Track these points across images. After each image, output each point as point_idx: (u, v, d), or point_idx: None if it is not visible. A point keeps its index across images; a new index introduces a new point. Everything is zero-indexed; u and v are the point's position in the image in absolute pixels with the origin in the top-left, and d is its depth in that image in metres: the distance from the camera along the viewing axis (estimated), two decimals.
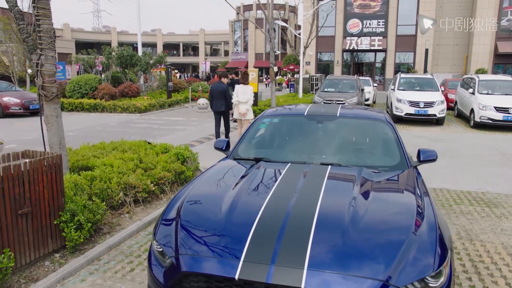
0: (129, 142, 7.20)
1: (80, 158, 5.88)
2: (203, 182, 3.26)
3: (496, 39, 32.95)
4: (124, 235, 4.38)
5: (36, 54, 4.67)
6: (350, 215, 2.58)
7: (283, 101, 16.96)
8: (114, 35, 69.38)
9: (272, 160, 3.56)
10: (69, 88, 17.94)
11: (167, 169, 5.82)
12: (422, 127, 13.45)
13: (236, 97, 9.16)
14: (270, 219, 2.55)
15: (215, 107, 9.44)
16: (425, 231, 2.48)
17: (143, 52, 20.54)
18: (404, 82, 15.31)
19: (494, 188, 6.50)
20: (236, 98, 9.18)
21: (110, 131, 12.01)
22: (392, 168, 3.43)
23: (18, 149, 9.06)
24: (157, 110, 17.44)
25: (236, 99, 9.18)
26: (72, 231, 3.80)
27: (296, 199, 2.77)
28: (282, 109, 4.66)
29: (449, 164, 8.09)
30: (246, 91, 9.16)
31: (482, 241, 4.42)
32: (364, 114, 4.31)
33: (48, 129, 4.90)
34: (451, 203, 5.73)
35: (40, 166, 3.58)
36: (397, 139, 3.77)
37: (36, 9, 4.54)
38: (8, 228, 3.33)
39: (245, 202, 2.82)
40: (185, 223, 2.71)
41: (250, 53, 58.80)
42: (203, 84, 23.59)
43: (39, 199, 3.59)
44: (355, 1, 35.34)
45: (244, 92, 9.11)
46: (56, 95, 4.86)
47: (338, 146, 3.84)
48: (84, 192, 4.48)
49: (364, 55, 38.02)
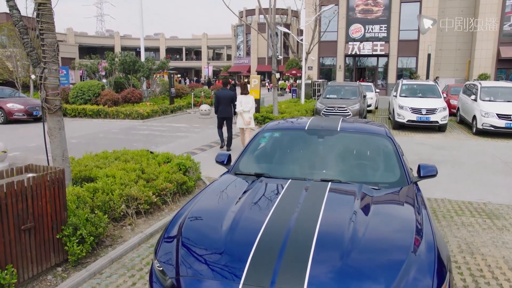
0: (131, 152, 7.24)
1: (83, 169, 5.92)
2: (204, 199, 3.28)
3: (499, 44, 32.91)
4: (126, 247, 4.40)
5: (40, 67, 4.72)
6: (350, 233, 2.60)
7: (285, 107, 16.99)
8: (117, 39, 69.77)
9: (273, 176, 3.58)
10: (72, 94, 18.04)
11: (169, 179, 5.85)
12: (424, 133, 13.45)
13: (240, 106, 9.42)
14: (271, 238, 2.57)
15: (222, 113, 9.75)
16: (424, 250, 2.49)
17: (146, 58, 20.64)
18: (406, 88, 15.32)
19: (496, 198, 6.49)
20: (240, 108, 9.43)
21: (112, 138, 12.07)
22: (392, 185, 3.45)
23: (21, 157, 9.16)
24: (159, 116, 17.50)
25: (240, 108, 9.43)
26: (74, 245, 3.83)
27: (297, 218, 2.78)
28: (284, 122, 4.69)
29: (451, 173, 8.08)
30: (248, 100, 9.48)
31: (483, 255, 4.42)
32: (365, 128, 4.33)
33: (51, 141, 4.94)
34: (452, 214, 5.73)
35: (43, 181, 3.61)
36: (398, 154, 3.78)
37: (40, 23, 4.60)
38: (11, 243, 3.36)
39: (246, 220, 2.84)
40: (186, 241, 2.74)
41: (253, 58, 58.94)
42: (205, 90, 23.66)
43: (42, 214, 3.63)
44: (357, 6, 35.40)
45: (246, 102, 9.42)
46: (60, 107, 4.90)
47: (338, 161, 3.86)
48: (86, 205, 4.52)
49: (367, 60, 38.04)
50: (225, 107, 9.71)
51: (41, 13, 4.57)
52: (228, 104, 9.81)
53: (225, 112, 9.74)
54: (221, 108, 9.76)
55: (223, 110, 9.74)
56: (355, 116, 13.90)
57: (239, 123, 9.66)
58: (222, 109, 9.74)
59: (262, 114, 14.87)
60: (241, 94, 9.57)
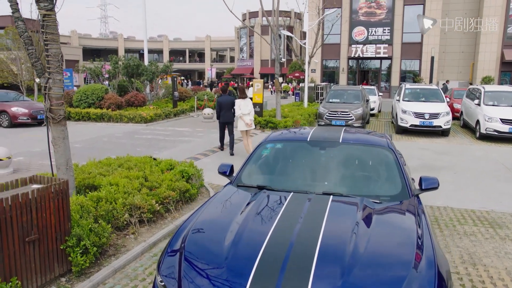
0: (134, 158, 7.28)
1: (87, 176, 5.97)
2: (207, 212, 3.30)
3: (503, 46, 32.81)
4: (129, 257, 4.43)
5: (44, 77, 4.77)
6: (351, 248, 2.61)
7: (288, 111, 17.00)
8: (121, 41, 70.06)
9: (275, 188, 3.60)
10: (76, 97, 18.14)
11: (172, 187, 5.88)
12: (428, 138, 13.43)
13: (239, 110, 9.76)
14: (273, 254, 2.58)
15: (224, 117, 10.23)
16: (425, 267, 2.50)
17: (150, 62, 20.73)
18: (409, 93, 15.30)
19: (499, 206, 6.48)
20: (239, 111, 9.76)
21: (116, 143, 12.13)
22: (394, 198, 3.46)
23: (25, 162, 9.23)
24: (162, 119, 17.56)
25: (239, 112, 9.76)
26: (78, 256, 3.86)
27: (298, 233, 2.80)
28: (287, 132, 4.71)
29: (454, 180, 8.07)
30: (247, 104, 9.89)
31: (486, 266, 4.42)
32: (367, 140, 4.34)
33: (56, 150, 4.98)
34: (455, 223, 5.73)
35: (47, 193, 3.65)
36: (399, 167, 3.80)
37: (45, 34, 4.64)
38: (15, 255, 3.40)
39: (248, 235, 2.85)
40: (189, 255, 2.76)
41: (256, 60, 59.03)
42: (208, 93, 23.71)
43: (46, 226, 3.66)
44: (361, 9, 35.39)
45: (245, 105, 9.81)
46: (64, 117, 4.95)
47: (340, 174, 3.88)
48: (90, 214, 4.55)
49: (370, 62, 38.01)
50: (226, 112, 10.16)
51: (45, 24, 4.62)
52: (229, 109, 10.26)
53: (227, 117, 10.19)
54: (223, 113, 10.23)
55: (224, 115, 10.20)
56: (358, 120, 13.89)
57: (240, 126, 9.92)
58: (224, 114, 10.20)
59: (265, 118, 14.90)
60: (239, 98, 9.94)
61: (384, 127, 16.47)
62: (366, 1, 35.19)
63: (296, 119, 14.68)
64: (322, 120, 14.41)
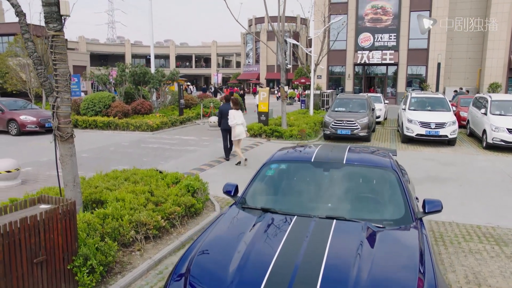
0: (140, 171, 7.35)
1: (93, 191, 6.04)
2: (212, 236, 3.34)
3: (510, 52, 32.64)
4: (135, 275, 4.48)
5: (53, 96, 4.86)
6: (354, 274, 2.65)
7: (294, 119, 17.02)
8: (128, 47, 70.67)
9: (279, 211, 3.63)
10: (83, 105, 18.32)
11: (178, 203, 5.93)
12: (433, 147, 13.39)
13: (234, 120, 10.24)
14: (277, 280, 2.62)
15: (225, 125, 10.76)
16: None
17: (156, 69, 20.90)
18: (415, 101, 15.26)
19: (505, 222, 6.45)
20: (234, 121, 10.25)
21: (122, 152, 12.23)
22: (397, 222, 3.48)
23: (33, 173, 9.34)
24: (169, 128, 17.68)
25: (234, 121, 10.24)
26: (84, 276, 3.92)
27: (302, 259, 2.83)
28: (292, 151, 4.74)
29: (459, 193, 8.05)
30: (240, 114, 10.48)
31: (491, 286, 4.40)
32: (370, 160, 4.38)
33: (63, 167, 5.06)
34: (460, 239, 5.71)
35: (55, 215, 3.71)
36: (403, 189, 3.81)
37: (54, 54, 4.73)
38: (24, 277, 3.46)
39: (253, 260, 2.88)
40: (194, 280, 2.80)
41: (262, 65, 59.19)
42: (215, 100, 23.82)
43: (53, 246, 3.72)
44: (367, 15, 35.42)
45: (239, 116, 10.38)
46: (71, 135, 5.03)
47: (343, 197, 3.91)
48: (96, 232, 4.61)
49: (376, 68, 37.98)
50: (227, 120, 10.58)
51: (54, 45, 4.71)
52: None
53: (227, 124, 10.62)
54: (224, 121, 10.77)
55: (225, 123, 10.69)
56: (364, 129, 13.87)
57: (238, 135, 10.33)
58: (225, 121, 10.70)
59: (271, 127, 14.93)
60: (232, 109, 10.38)
61: (390, 135, 16.43)
62: (372, 8, 35.23)
63: (302, 128, 14.70)
64: (327, 129, 14.41)
